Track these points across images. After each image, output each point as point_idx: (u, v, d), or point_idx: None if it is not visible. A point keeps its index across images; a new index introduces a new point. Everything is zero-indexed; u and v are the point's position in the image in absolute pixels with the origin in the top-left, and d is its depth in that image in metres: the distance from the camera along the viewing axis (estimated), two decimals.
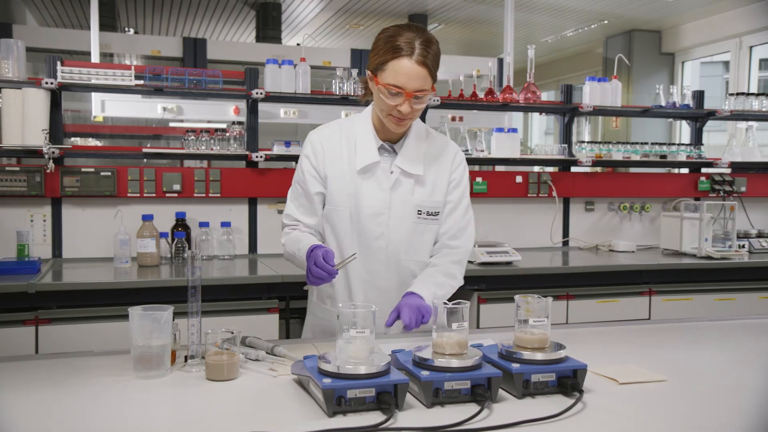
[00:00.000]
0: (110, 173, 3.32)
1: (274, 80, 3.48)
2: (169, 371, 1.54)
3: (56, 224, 3.31)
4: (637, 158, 4.11)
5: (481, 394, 1.35)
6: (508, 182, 3.98)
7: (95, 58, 4.64)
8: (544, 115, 8.19)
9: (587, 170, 4.43)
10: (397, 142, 1.93)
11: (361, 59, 6.09)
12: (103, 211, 3.36)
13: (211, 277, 2.96)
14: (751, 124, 4.53)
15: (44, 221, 3.30)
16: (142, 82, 3.38)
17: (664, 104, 4.18)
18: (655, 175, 4.52)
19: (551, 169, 4.29)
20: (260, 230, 3.59)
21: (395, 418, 1.28)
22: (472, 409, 1.31)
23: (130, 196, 3.37)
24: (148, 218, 3.24)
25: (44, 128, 3.17)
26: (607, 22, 7.40)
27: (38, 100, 3.17)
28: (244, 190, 3.55)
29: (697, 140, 4.33)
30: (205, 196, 3.48)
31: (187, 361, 1.58)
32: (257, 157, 3.46)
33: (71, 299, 2.74)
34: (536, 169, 4.29)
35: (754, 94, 4.36)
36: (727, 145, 4.43)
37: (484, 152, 3.87)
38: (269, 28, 6.98)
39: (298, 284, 1.87)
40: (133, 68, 3.31)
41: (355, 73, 3.69)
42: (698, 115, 4.27)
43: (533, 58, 3.90)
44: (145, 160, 3.63)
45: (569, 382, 1.41)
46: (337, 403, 1.29)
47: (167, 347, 1.53)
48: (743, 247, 3.81)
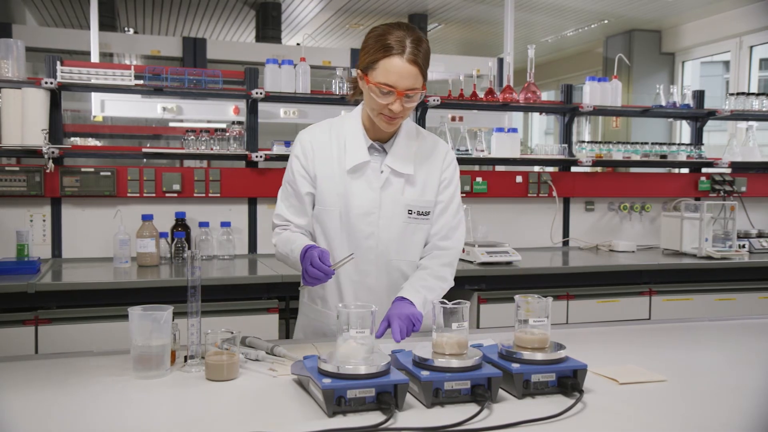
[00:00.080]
0: (110, 173, 3.32)
1: (273, 80, 3.48)
2: (168, 371, 1.54)
3: (56, 224, 3.31)
4: (637, 158, 4.10)
5: (481, 394, 1.34)
6: (508, 182, 3.98)
7: (95, 57, 4.64)
8: (544, 115, 8.19)
9: (587, 170, 4.43)
10: (387, 141, 1.92)
11: None
12: (102, 211, 3.36)
13: (210, 277, 2.96)
14: (751, 123, 4.53)
15: (44, 221, 3.30)
16: (141, 81, 3.38)
17: (664, 104, 4.17)
18: (655, 175, 4.52)
19: (551, 169, 4.29)
20: (260, 230, 3.58)
21: (395, 418, 1.28)
22: (472, 409, 1.31)
23: (129, 196, 3.37)
24: (147, 218, 3.24)
25: (44, 128, 3.17)
26: (607, 21, 7.40)
27: (38, 99, 3.17)
28: (243, 190, 3.55)
29: (697, 140, 4.33)
30: (204, 196, 3.48)
31: (186, 361, 1.58)
32: (257, 157, 3.46)
33: (71, 299, 2.74)
34: (536, 169, 4.29)
35: (754, 93, 4.36)
36: (727, 144, 4.43)
37: (484, 152, 3.87)
38: (269, 27, 6.98)
39: (297, 284, 1.86)
40: (132, 68, 3.31)
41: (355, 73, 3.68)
42: (698, 114, 4.27)
43: (533, 57, 3.90)
44: (144, 160, 3.62)
45: (569, 382, 1.41)
46: (337, 403, 1.28)
47: (167, 347, 1.53)
48: (743, 247, 3.81)
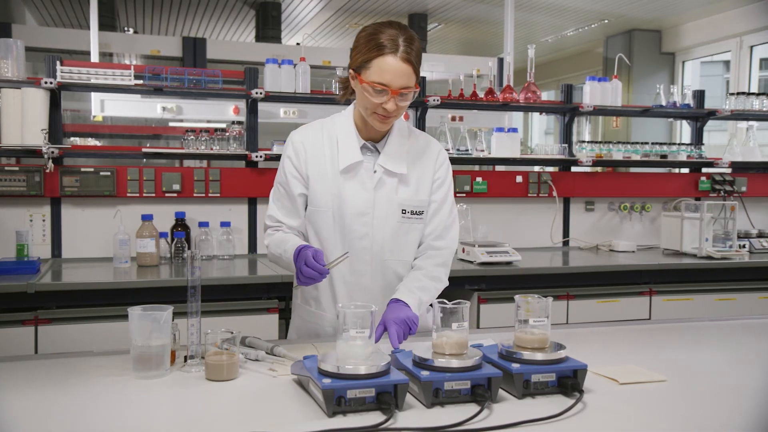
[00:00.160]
0: (110, 173, 3.32)
1: (273, 80, 3.48)
2: (168, 371, 1.54)
3: (56, 224, 3.31)
4: (637, 158, 4.10)
5: (481, 394, 1.34)
6: (508, 182, 3.98)
7: (95, 57, 4.63)
8: (544, 114, 8.18)
9: (587, 170, 4.43)
10: (379, 141, 1.91)
11: None
12: (102, 211, 3.35)
13: (210, 277, 2.96)
14: (751, 123, 4.53)
15: (43, 221, 3.29)
16: (141, 81, 3.38)
17: (664, 104, 4.17)
18: (655, 175, 4.52)
19: (551, 168, 4.29)
20: (260, 230, 3.58)
21: (395, 418, 1.28)
22: (472, 409, 1.31)
23: (129, 195, 3.37)
24: (147, 218, 3.24)
25: (43, 128, 3.17)
26: (607, 21, 7.40)
27: (37, 99, 3.17)
28: (243, 189, 3.54)
29: (697, 140, 4.33)
30: (204, 196, 3.48)
31: (186, 361, 1.58)
32: (257, 156, 3.46)
33: (71, 299, 2.74)
34: (536, 168, 4.28)
35: (754, 93, 4.36)
36: (727, 144, 4.43)
37: (484, 152, 3.87)
38: (269, 27, 6.97)
39: None
40: (132, 68, 3.30)
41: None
42: (699, 114, 4.27)
43: (533, 57, 3.90)
44: (144, 159, 3.62)
45: (569, 382, 1.41)
46: (337, 403, 1.28)
47: (167, 347, 1.53)
48: (744, 247, 3.81)
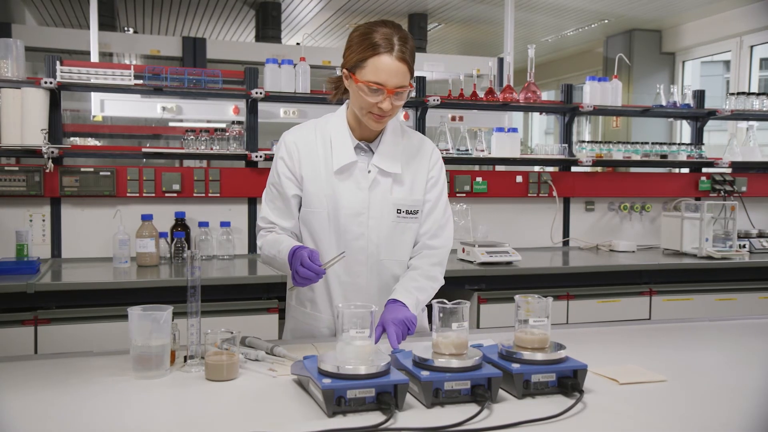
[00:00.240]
0: (109, 173, 3.32)
1: (273, 80, 3.48)
2: (168, 371, 1.53)
3: (55, 224, 3.31)
4: (637, 158, 4.10)
5: (481, 394, 1.34)
6: (508, 182, 3.98)
7: (94, 57, 4.63)
8: (544, 114, 8.18)
9: (587, 170, 4.43)
10: (373, 140, 1.91)
11: None
12: (102, 210, 3.35)
13: (210, 277, 2.96)
14: (751, 123, 4.53)
15: (43, 221, 3.29)
16: (141, 81, 3.38)
17: (664, 104, 4.17)
18: (655, 174, 4.52)
19: (551, 168, 4.29)
20: None
21: (395, 418, 1.28)
22: (472, 409, 1.31)
23: (129, 195, 3.37)
24: (147, 218, 3.24)
25: (43, 128, 3.17)
26: (607, 21, 7.39)
27: (37, 99, 3.17)
28: (243, 189, 3.54)
29: (697, 140, 4.33)
30: (204, 195, 3.47)
31: (186, 361, 1.58)
32: (257, 156, 3.46)
33: (70, 299, 2.74)
34: (536, 168, 4.28)
35: (754, 93, 4.36)
36: (727, 144, 4.43)
37: (484, 152, 3.87)
38: (269, 27, 6.97)
39: None
40: (132, 68, 3.30)
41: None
42: (699, 114, 4.27)
43: (533, 57, 3.89)
44: (144, 159, 3.62)
45: (569, 382, 1.41)
46: (336, 403, 1.28)
47: (167, 347, 1.53)
48: (744, 247, 3.81)
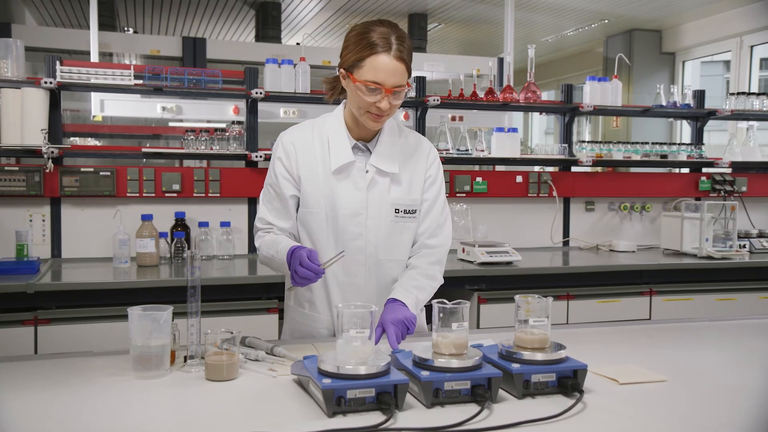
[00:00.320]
0: (109, 173, 3.32)
1: (273, 80, 3.48)
2: (168, 371, 1.53)
3: (55, 224, 3.31)
4: (637, 158, 4.10)
5: (481, 394, 1.34)
6: (508, 182, 3.97)
7: (94, 57, 4.63)
8: (544, 114, 8.18)
9: (587, 170, 4.43)
10: (370, 140, 1.91)
11: None
12: (102, 211, 3.35)
13: (210, 277, 2.95)
14: (751, 123, 4.53)
15: (43, 221, 3.29)
16: (141, 81, 3.38)
17: (664, 104, 4.17)
18: (655, 174, 4.52)
19: (551, 168, 4.28)
20: None
21: (395, 418, 1.28)
22: (472, 409, 1.31)
23: (129, 195, 3.37)
24: (147, 218, 3.24)
25: (43, 128, 3.17)
26: (607, 21, 7.39)
27: (37, 99, 3.17)
28: (243, 189, 3.54)
29: (697, 140, 4.33)
30: (204, 195, 3.47)
31: (186, 361, 1.58)
32: (257, 156, 3.46)
33: (70, 299, 2.74)
34: (536, 168, 4.28)
35: (754, 93, 4.36)
36: (727, 144, 4.43)
37: (484, 152, 3.87)
38: (269, 27, 6.97)
39: None
40: (132, 68, 3.30)
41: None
42: (699, 114, 4.27)
43: (533, 57, 3.89)
44: (144, 159, 3.62)
45: (569, 382, 1.41)
46: (336, 403, 1.28)
47: (167, 347, 1.53)
48: (744, 247, 3.81)
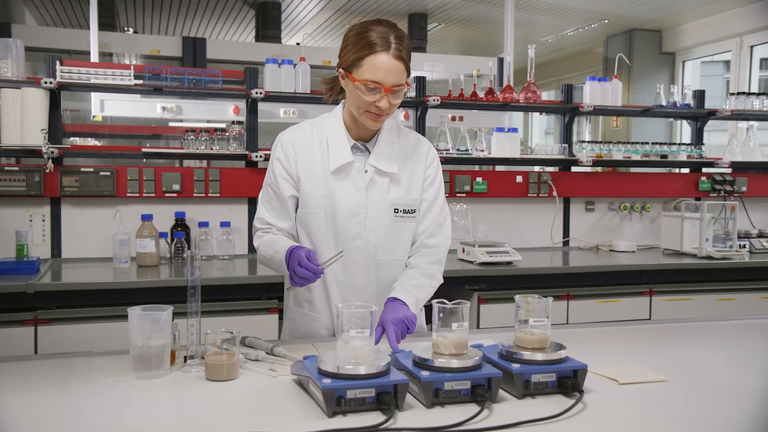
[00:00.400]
0: (109, 173, 3.32)
1: (273, 80, 3.48)
2: (168, 371, 1.53)
3: (55, 224, 3.31)
4: (637, 158, 4.10)
5: (481, 394, 1.34)
6: (508, 182, 3.97)
7: (94, 57, 4.63)
8: (544, 114, 8.18)
9: (588, 170, 4.43)
10: (369, 140, 1.91)
11: None
12: (102, 211, 3.35)
13: (210, 277, 2.95)
14: (751, 123, 4.53)
15: (43, 221, 3.29)
16: (141, 81, 3.38)
17: (664, 104, 4.17)
18: (655, 175, 4.52)
19: (551, 168, 4.28)
20: None
21: (395, 418, 1.28)
22: (472, 409, 1.31)
23: (129, 195, 3.37)
24: (147, 218, 3.24)
25: (43, 128, 3.17)
26: (607, 21, 7.39)
27: (37, 99, 3.17)
28: (243, 189, 3.54)
29: (697, 140, 4.33)
30: (204, 195, 3.47)
31: (186, 361, 1.58)
32: (257, 156, 3.46)
33: (70, 299, 2.74)
34: (536, 168, 4.28)
35: (754, 93, 4.36)
36: (727, 144, 4.43)
37: (484, 152, 3.87)
38: (269, 27, 6.97)
39: None
40: (132, 68, 3.30)
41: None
42: (699, 114, 4.26)
43: (533, 57, 3.89)
44: (144, 159, 3.62)
45: (569, 382, 1.41)
46: (336, 403, 1.28)
47: (167, 347, 1.53)
48: (744, 247, 3.81)
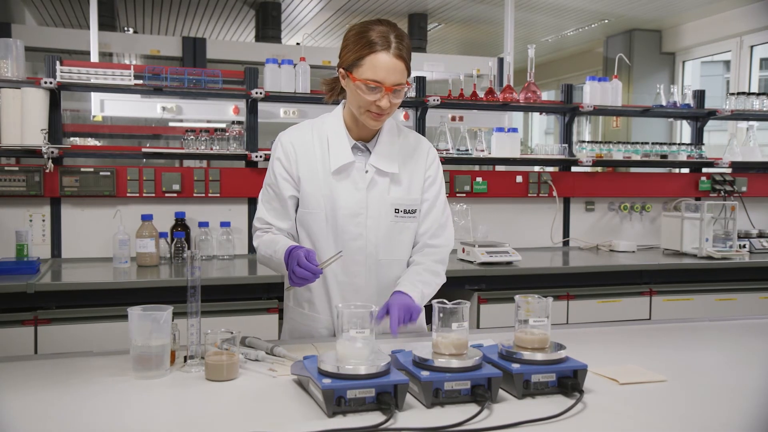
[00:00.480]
0: (109, 173, 3.32)
1: (273, 80, 3.48)
2: (168, 371, 1.53)
3: (55, 224, 3.31)
4: (637, 158, 4.10)
5: (481, 394, 1.34)
6: (508, 182, 3.97)
7: (94, 57, 4.63)
8: (544, 114, 8.18)
9: (587, 170, 4.43)
10: (370, 140, 1.91)
11: None
12: (102, 211, 3.35)
13: (210, 277, 2.95)
14: (751, 123, 4.53)
15: (43, 221, 3.29)
16: (141, 81, 3.38)
17: (664, 104, 4.17)
18: (655, 175, 4.52)
19: (551, 169, 4.28)
20: None
21: (395, 418, 1.28)
22: (472, 409, 1.31)
23: (129, 195, 3.37)
24: (147, 218, 3.24)
25: (43, 128, 3.17)
26: (607, 21, 7.39)
27: (37, 99, 3.17)
28: (243, 189, 3.54)
29: (697, 140, 4.33)
30: (204, 196, 3.47)
31: (186, 361, 1.58)
32: (257, 156, 3.46)
33: (70, 299, 2.74)
34: (536, 169, 4.28)
35: (754, 93, 4.36)
36: (727, 144, 4.43)
37: (484, 152, 3.87)
38: (269, 27, 6.97)
39: None
40: (132, 68, 3.30)
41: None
42: (699, 114, 4.26)
43: (533, 57, 3.89)
44: (144, 159, 3.62)
45: (569, 382, 1.41)
46: (336, 403, 1.28)
47: (167, 347, 1.53)
48: (744, 247, 3.81)
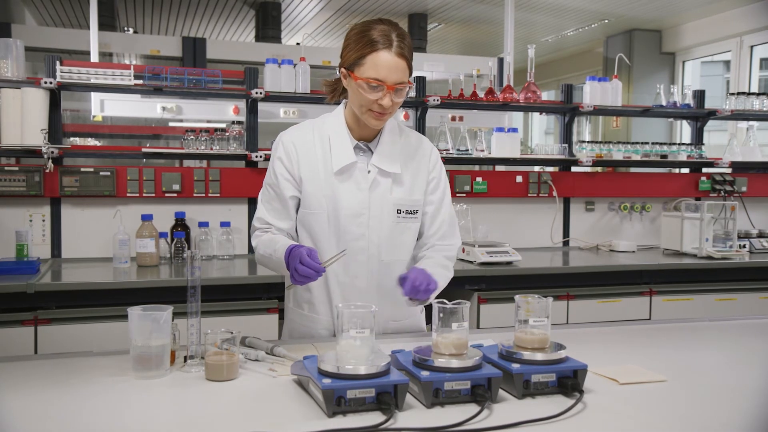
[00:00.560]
0: (109, 173, 3.32)
1: (273, 80, 3.48)
2: (168, 371, 1.53)
3: (55, 224, 3.31)
4: (637, 158, 4.10)
5: (481, 394, 1.34)
6: (508, 182, 3.97)
7: (94, 57, 4.63)
8: (544, 114, 8.18)
9: (588, 170, 4.43)
10: (371, 140, 1.91)
11: None
12: (102, 211, 3.35)
13: (210, 277, 2.95)
14: (751, 123, 4.53)
15: (43, 221, 3.29)
16: (141, 81, 3.38)
17: (664, 104, 4.17)
18: (655, 175, 4.52)
19: (551, 168, 4.28)
20: None
21: (395, 418, 1.28)
22: (472, 409, 1.31)
23: (129, 195, 3.37)
24: (147, 218, 3.24)
25: (43, 128, 3.17)
26: (607, 21, 7.39)
27: (37, 99, 3.17)
28: (243, 189, 3.54)
29: (697, 140, 4.33)
30: (204, 196, 3.47)
31: (186, 361, 1.58)
32: (257, 156, 3.46)
33: (70, 299, 2.74)
34: (536, 168, 4.28)
35: (754, 93, 4.36)
36: (727, 144, 4.43)
37: (484, 152, 3.87)
38: (269, 27, 6.97)
39: None
40: (132, 68, 3.30)
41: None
42: (699, 114, 4.26)
43: (533, 57, 3.89)
44: (144, 159, 3.62)
45: (569, 382, 1.41)
46: (336, 403, 1.28)
47: (166, 347, 1.53)
48: (744, 247, 3.81)
